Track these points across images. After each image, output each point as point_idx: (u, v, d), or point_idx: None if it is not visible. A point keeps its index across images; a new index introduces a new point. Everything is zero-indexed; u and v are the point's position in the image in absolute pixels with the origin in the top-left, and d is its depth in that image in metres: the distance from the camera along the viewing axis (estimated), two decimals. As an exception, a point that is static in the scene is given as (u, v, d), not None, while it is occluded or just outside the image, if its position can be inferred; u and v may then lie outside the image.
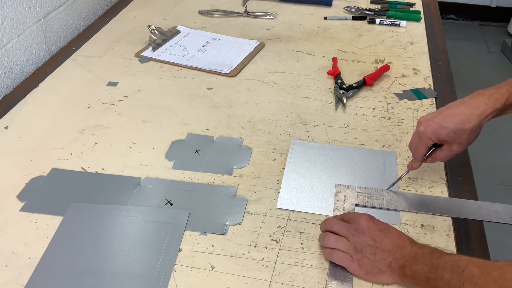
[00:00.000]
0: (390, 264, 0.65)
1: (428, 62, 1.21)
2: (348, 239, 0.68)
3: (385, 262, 0.65)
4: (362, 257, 0.67)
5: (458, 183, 0.85)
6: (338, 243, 0.68)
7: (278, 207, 0.79)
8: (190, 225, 0.76)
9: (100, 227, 0.76)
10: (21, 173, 0.86)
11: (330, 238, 0.69)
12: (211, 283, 0.68)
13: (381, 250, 0.66)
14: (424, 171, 0.87)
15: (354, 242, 0.67)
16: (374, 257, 0.66)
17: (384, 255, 0.66)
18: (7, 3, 1.09)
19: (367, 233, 0.67)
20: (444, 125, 0.74)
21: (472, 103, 0.75)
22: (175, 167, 0.88)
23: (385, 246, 0.66)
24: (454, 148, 0.76)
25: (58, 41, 1.30)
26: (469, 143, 0.76)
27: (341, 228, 0.70)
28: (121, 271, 0.69)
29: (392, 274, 0.65)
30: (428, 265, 0.62)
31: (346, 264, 0.68)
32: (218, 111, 1.03)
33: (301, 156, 0.90)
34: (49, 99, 1.06)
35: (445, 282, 0.59)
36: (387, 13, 1.42)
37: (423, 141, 0.76)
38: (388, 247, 0.66)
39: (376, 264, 0.66)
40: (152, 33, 1.26)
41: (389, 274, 0.66)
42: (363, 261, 0.66)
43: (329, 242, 0.69)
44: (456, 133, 0.74)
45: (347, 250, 0.68)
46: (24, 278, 0.68)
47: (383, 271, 0.66)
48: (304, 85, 1.12)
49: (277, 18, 1.43)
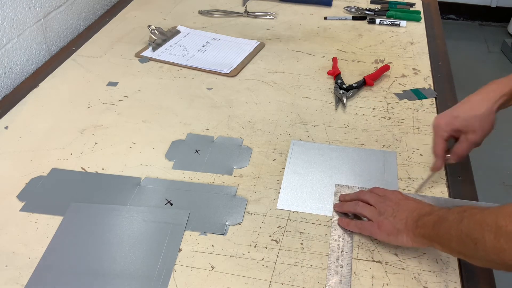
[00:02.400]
0: (407, 222, 0.68)
1: (428, 62, 1.21)
2: (376, 206, 0.73)
3: (402, 222, 0.69)
4: (384, 219, 0.71)
5: (458, 183, 0.85)
6: (365, 209, 0.74)
7: (278, 207, 0.79)
8: (190, 225, 0.76)
9: (100, 227, 0.76)
10: (21, 173, 0.86)
11: (359, 203, 0.75)
12: (211, 283, 0.68)
13: (401, 212, 0.70)
14: (424, 171, 0.87)
15: (379, 208, 0.72)
16: (394, 218, 0.70)
17: (402, 215, 0.69)
18: (7, 3, 1.09)
19: (393, 200, 0.72)
20: (455, 114, 0.78)
21: (483, 91, 0.78)
22: (175, 167, 0.88)
23: (405, 208, 0.70)
24: (470, 137, 0.78)
25: (58, 41, 1.30)
26: (485, 131, 0.78)
27: (372, 198, 0.75)
28: (121, 271, 0.69)
29: (408, 232, 0.68)
30: (439, 215, 0.64)
31: (369, 230, 0.72)
32: (218, 111, 1.03)
33: (301, 156, 0.90)
34: (49, 99, 1.06)
35: (447, 223, 0.61)
36: (387, 13, 1.42)
37: (438, 133, 0.79)
38: (408, 209, 0.70)
39: (395, 224, 0.69)
40: (152, 33, 1.26)
41: (405, 233, 0.68)
42: (383, 223, 0.70)
43: (358, 207, 0.75)
44: (468, 120, 0.76)
45: (371, 217, 0.72)
46: (24, 278, 0.68)
47: (401, 230, 0.68)
48: (304, 85, 1.12)
49: (277, 18, 1.43)
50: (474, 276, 0.69)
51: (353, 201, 0.77)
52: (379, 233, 0.71)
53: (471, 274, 0.69)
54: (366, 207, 0.74)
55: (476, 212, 0.59)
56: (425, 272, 0.69)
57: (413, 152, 0.91)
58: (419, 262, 0.71)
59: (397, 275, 0.69)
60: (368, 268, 0.70)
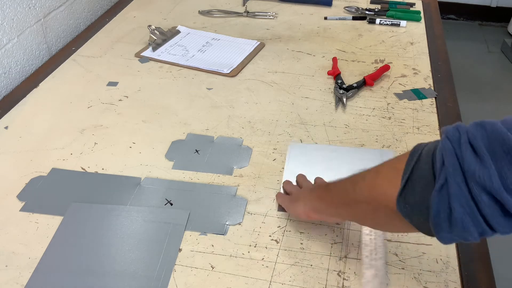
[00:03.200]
0: (304, 191, 0.75)
1: (428, 62, 1.21)
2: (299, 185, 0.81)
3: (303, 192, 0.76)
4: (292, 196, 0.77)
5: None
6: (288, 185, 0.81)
7: (279, 210, 0.79)
8: (190, 225, 0.76)
9: (100, 227, 0.76)
10: (21, 173, 0.86)
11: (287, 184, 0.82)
12: (211, 283, 0.68)
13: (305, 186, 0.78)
14: (424, 171, 0.87)
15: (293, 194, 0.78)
16: (297, 191, 0.77)
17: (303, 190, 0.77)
18: (7, 3, 1.09)
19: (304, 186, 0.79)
20: None
21: None
22: (175, 167, 0.88)
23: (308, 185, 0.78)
24: None
25: (58, 41, 1.30)
26: None
27: (300, 179, 0.82)
28: (121, 271, 0.69)
29: (304, 201, 0.71)
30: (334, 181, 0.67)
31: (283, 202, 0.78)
32: (218, 111, 1.03)
33: (299, 158, 0.89)
34: (49, 99, 1.06)
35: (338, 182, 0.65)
36: (387, 13, 1.42)
37: None
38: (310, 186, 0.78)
39: (298, 195, 0.75)
40: (152, 33, 1.26)
41: (303, 202, 0.71)
42: (290, 198, 0.76)
43: (284, 185, 0.82)
44: None
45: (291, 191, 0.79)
46: (24, 278, 0.68)
47: (300, 199, 0.73)
48: (304, 85, 1.12)
49: (277, 18, 1.43)
50: (474, 276, 0.69)
51: None
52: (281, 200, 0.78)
53: (471, 274, 0.69)
54: (289, 184, 0.81)
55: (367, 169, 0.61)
56: (425, 272, 0.69)
57: (413, 152, 0.91)
58: (419, 262, 0.71)
59: (397, 275, 0.69)
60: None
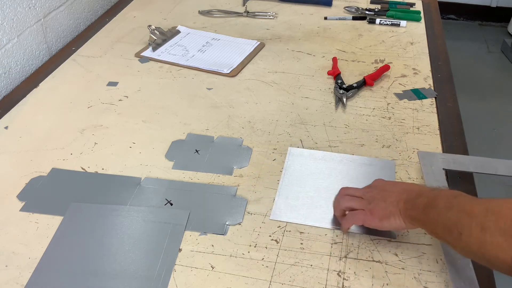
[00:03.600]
0: (398, 204, 0.68)
1: (428, 62, 1.21)
2: (363, 197, 0.73)
3: (394, 204, 0.68)
4: (374, 206, 0.70)
5: (458, 183, 0.85)
6: (352, 201, 0.73)
7: (272, 218, 0.77)
8: (190, 225, 0.76)
9: (100, 227, 0.76)
10: (21, 173, 0.86)
11: (345, 197, 0.74)
12: (211, 283, 0.68)
13: (390, 195, 0.70)
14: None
15: (367, 197, 0.72)
16: (384, 202, 0.69)
17: (392, 198, 0.69)
18: (7, 3, 1.09)
19: (379, 186, 0.73)
20: None
21: None
22: (175, 167, 0.88)
23: (394, 190, 0.70)
24: None
25: (58, 41, 1.30)
26: None
27: (356, 191, 0.75)
28: (121, 271, 0.69)
29: (399, 214, 0.67)
30: (429, 198, 0.64)
31: (362, 218, 0.71)
32: (218, 111, 1.03)
33: (297, 166, 0.87)
34: (49, 99, 1.06)
35: (436, 209, 0.61)
36: (387, 13, 1.42)
37: None
38: (397, 191, 0.70)
39: (387, 207, 0.69)
40: (152, 33, 1.26)
41: (397, 215, 0.67)
42: (375, 209, 0.70)
43: (344, 201, 0.74)
44: None
45: (361, 206, 0.72)
46: (24, 278, 0.68)
47: (393, 212, 0.68)
48: (304, 85, 1.12)
49: (277, 18, 1.43)
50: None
51: (338, 198, 0.76)
52: (371, 219, 0.70)
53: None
54: (354, 200, 0.73)
55: (465, 201, 0.59)
56: (425, 272, 0.69)
57: (413, 152, 0.91)
58: (419, 262, 0.71)
59: (397, 275, 0.69)
60: (368, 268, 0.70)
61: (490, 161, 0.80)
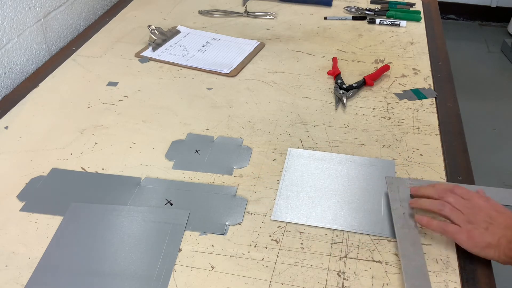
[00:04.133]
0: (500, 239, 0.66)
1: (428, 62, 1.21)
2: (463, 211, 0.70)
3: (495, 237, 0.67)
4: (474, 228, 0.68)
5: (458, 183, 0.85)
6: (452, 212, 0.71)
7: (273, 219, 0.78)
8: (190, 225, 0.76)
9: (100, 227, 0.76)
10: (21, 173, 0.86)
11: (447, 206, 0.72)
12: (211, 283, 0.68)
13: (495, 226, 0.68)
14: (424, 171, 0.87)
15: (468, 215, 0.70)
16: (486, 230, 0.68)
17: (496, 230, 0.67)
18: (7, 3, 1.09)
19: (484, 211, 0.70)
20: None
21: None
22: (175, 167, 0.88)
23: (500, 223, 0.68)
24: None
25: (58, 41, 1.30)
26: None
27: (458, 201, 0.72)
28: (121, 271, 0.69)
29: (499, 250, 0.66)
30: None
31: (456, 235, 0.69)
32: (218, 111, 1.03)
33: (297, 167, 0.87)
34: (49, 99, 1.06)
35: None
36: (387, 13, 1.42)
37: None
38: (503, 224, 0.68)
39: (486, 237, 0.67)
40: (152, 33, 1.26)
41: (495, 249, 0.66)
42: (473, 233, 0.68)
43: (445, 209, 0.72)
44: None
45: (459, 222, 0.70)
46: (24, 278, 0.68)
47: (492, 245, 0.67)
48: (304, 85, 1.12)
49: (277, 18, 1.43)
50: (474, 276, 0.69)
51: (437, 201, 0.73)
52: (466, 241, 0.69)
53: (471, 274, 0.69)
54: (454, 212, 0.71)
55: None
56: (425, 272, 0.69)
57: (413, 152, 0.91)
58: (419, 262, 0.71)
59: (397, 275, 0.69)
60: (368, 268, 0.70)
61: None
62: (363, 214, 0.78)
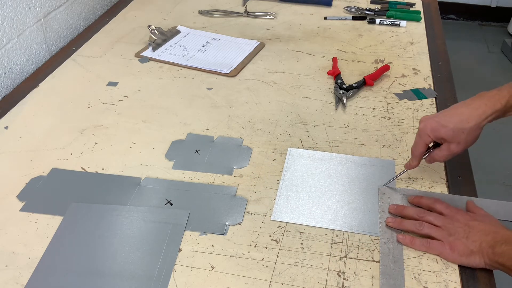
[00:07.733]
0: (481, 245, 0.68)
1: (428, 62, 1.21)
2: (442, 227, 0.72)
3: (476, 244, 0.69)
4: (455, 239, 0.70)
5: (458, 183, 0.85)
6: (431, 229, 0.73)
7: (273, 219, 0.78)
8: (190, 225, 0.76)
9: (100, 227, 0.76)
10: (21, 173, 0.86)
11: (425, 226, 0.73)
12: (211, 283, 0.68)
13: (474, 233, 0.70)
14: (424, 171, 0.87)
15: (447, 229, 0.72)
16: (466, 239, 0.70)
17: (475, 237, 0.69)
18: (7, 3, 1.09)
19: (462, 221, 0.72)
20: (443, 123, 0.76)
21: (473, 104, 0.76)
22: (175, 167, 0.88)
23: (478, 230, 0.70)
24: (452, 147, 0.77)
25: (58, 41, 1.30)
26: (468, 144, 0.77)
27: (436, 218, 0.74)
28: (121, 271, 0.69)
29: (483, 255, 0.68)
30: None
31: (440, 250, 0.71)
32: (218, 111, 1.03)
33: (297, 167, 0.87)
34: (49, 99, 1.06)
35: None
36: (387, 13, 1.42)
37: (422, 138, 0.78)
38: (481, 231, 0.70)
39: (468, 245, 0.69)
40: (152, 33, 1.26)
41: (479, 256, 0.68)
42: (455, 244, 0.70)
43: (424, 229, 0.73)
44: (455, 131, 0.75)
45: (440, 237, 0.71)
46: (24, 278, 0.68)
47: (474, 252, 0.68)
48: (304, 85, 1.12)
49: (277, 18, 1.43)
50: (474, 276, 0.69)
51: (416, 221, 0.74)
52: (450, 254, 0.70)
53: (471, 274, 0.69)
54: (433, 229, 0.73)
55: None
56: (425, 272, 0.69)
57: (413, 152, 0.91)
58: (419, 262, 0.71)
59: (397, 275, 0.69)
60: (368, 268, 0.70)
61: (454, 198, 0.80)
62: (363, 214, 0.78)
